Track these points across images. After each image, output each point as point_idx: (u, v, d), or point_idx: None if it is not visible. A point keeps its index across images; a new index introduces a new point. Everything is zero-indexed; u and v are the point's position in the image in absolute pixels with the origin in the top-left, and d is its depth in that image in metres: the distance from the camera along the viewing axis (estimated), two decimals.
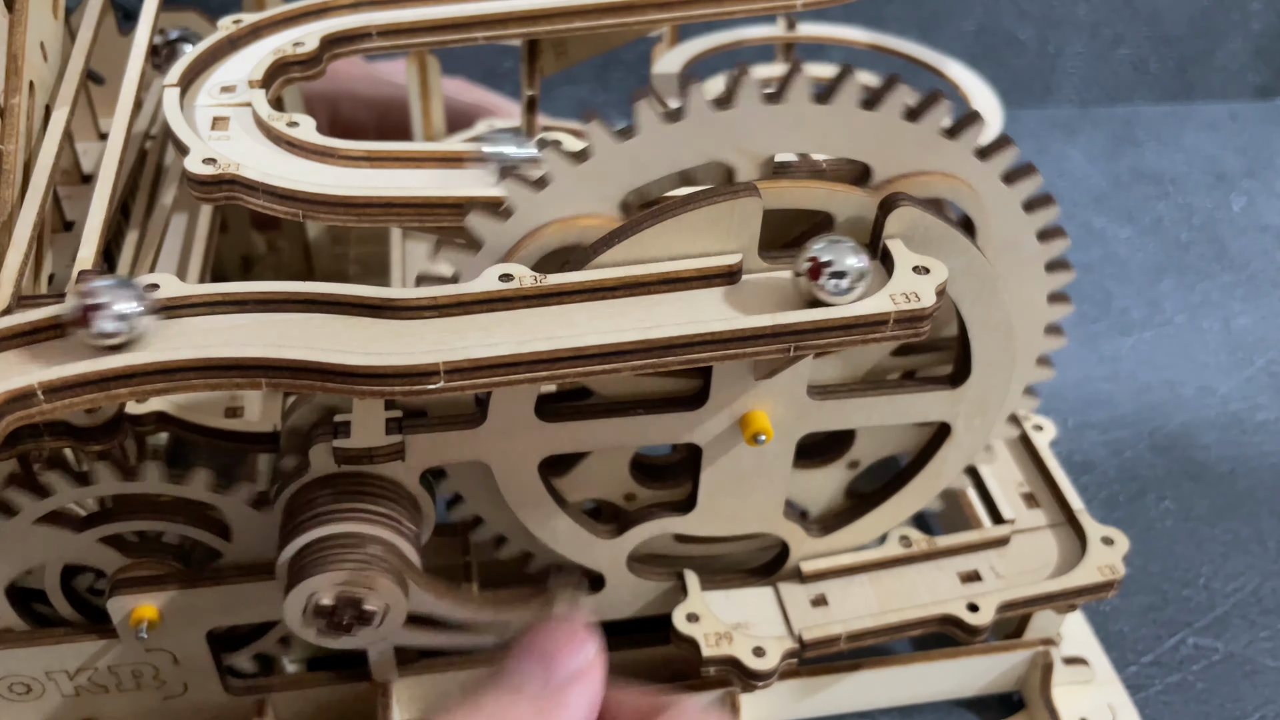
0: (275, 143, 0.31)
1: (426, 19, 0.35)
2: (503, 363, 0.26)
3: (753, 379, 0.31)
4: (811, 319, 0.27)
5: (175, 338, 0.27)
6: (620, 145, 0.28)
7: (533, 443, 0.32)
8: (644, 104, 0.27)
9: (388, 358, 0.26)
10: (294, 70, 0.34)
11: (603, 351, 0.27)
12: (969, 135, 0.29)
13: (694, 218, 0.28)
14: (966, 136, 0.29)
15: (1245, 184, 0.70)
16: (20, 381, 0.25)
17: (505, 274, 0.28)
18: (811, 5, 0.37)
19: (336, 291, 0.27)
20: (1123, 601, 0.45)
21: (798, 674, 0.39)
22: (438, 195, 0.30)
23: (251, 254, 0.50)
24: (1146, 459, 0.51)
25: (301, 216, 0.30)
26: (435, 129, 0.50)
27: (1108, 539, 0.38)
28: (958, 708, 0.41)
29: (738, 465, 0.34)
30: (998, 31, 0.74)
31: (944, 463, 0.36)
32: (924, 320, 0.28)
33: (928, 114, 0.28)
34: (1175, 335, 0.58)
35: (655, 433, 0.32)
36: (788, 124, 0.28)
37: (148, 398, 0.27)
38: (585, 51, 0.38)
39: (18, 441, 0.30)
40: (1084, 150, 0.73)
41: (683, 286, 0.28)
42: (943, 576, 0.37)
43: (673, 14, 0.36)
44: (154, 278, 0.28)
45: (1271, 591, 0.46)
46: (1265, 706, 0.42)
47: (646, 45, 0.46)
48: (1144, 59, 0.76)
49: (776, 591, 0.37)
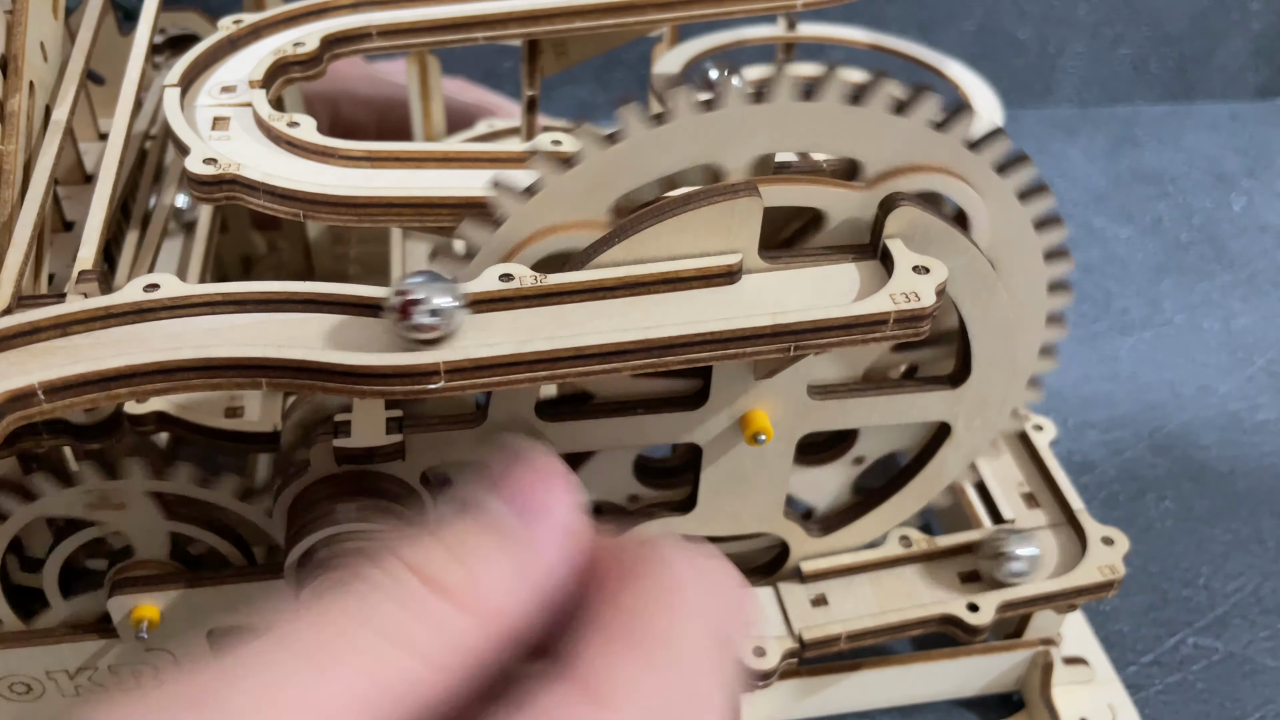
0: (276, 143, 0.31)
1: (427, 19, 0.35)
2: (503, 363, 0.26)
3: (753, 379, 0.31)
4: (811, 319, 0.27)
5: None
6: (608, 151, 0.28)
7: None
8: (629, 109, 0.27)
9: (388, 357, 0.26)
10: (294, 70, 0.34)
11: (603, 351, 0.27)
12: (959, 128, 0.29)
13: (693, 217, 0.28)
14: (956, 129, 0.29)
15: (1245, 184, 0.70)
16: (21, 381, 0.25)
17: (505, 274, 0.28)
18: (812, 5, 0.37)
19: (337, 291, 0.28)
20: (1123, 601, 0.45)
21: (798, 674, 0.39)
22: (438, 195, 0.30)
23: (252, 254, 0.50)
24: (1146, 459, 0.51)
25: (302, 216, 0.30)
26: (435, 129, 0.50)
27: (1108, 539, 0.38)
28: (958, 708, 0.41)
29: (738, 465, 0.34)
30: (998, 31, 0.74)
31: (944, 463, 0.36)
32: (924, 319, 0.28)
33: (916, 107, 0.28)
34: (1175, 335, 0.58)
35: (655, 433, 0.32)
36: (773, 123, 0.28)
37: (148, 398, 0.27)
38: (585, 52, 0.38)
39: (17, 440, 0.30)
40: (1084, 150, 0.73)
41: (683, 286, 0.28)
42: (943, 576, 0.37)
43: (673, 14, 0.36)
44: (154, 278, 0.28)
45: (1271, 591, 0.46)
46: (1265, 706, 0.42)
47: (646, 45, 0.46)
48: (1144, 59, 0.76)
49: (776, 591, 0.37)
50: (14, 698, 0.35)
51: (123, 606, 0.33)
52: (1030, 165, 0.30)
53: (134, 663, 0.35)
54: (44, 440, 0.30)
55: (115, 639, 0.34)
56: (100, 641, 0.34)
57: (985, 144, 0.30)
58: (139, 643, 0.34)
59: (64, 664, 0.35)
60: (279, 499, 0.31)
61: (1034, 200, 0.31)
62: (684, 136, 0.28)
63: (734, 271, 0.29)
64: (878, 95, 0.28)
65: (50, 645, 0.34)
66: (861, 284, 0.29)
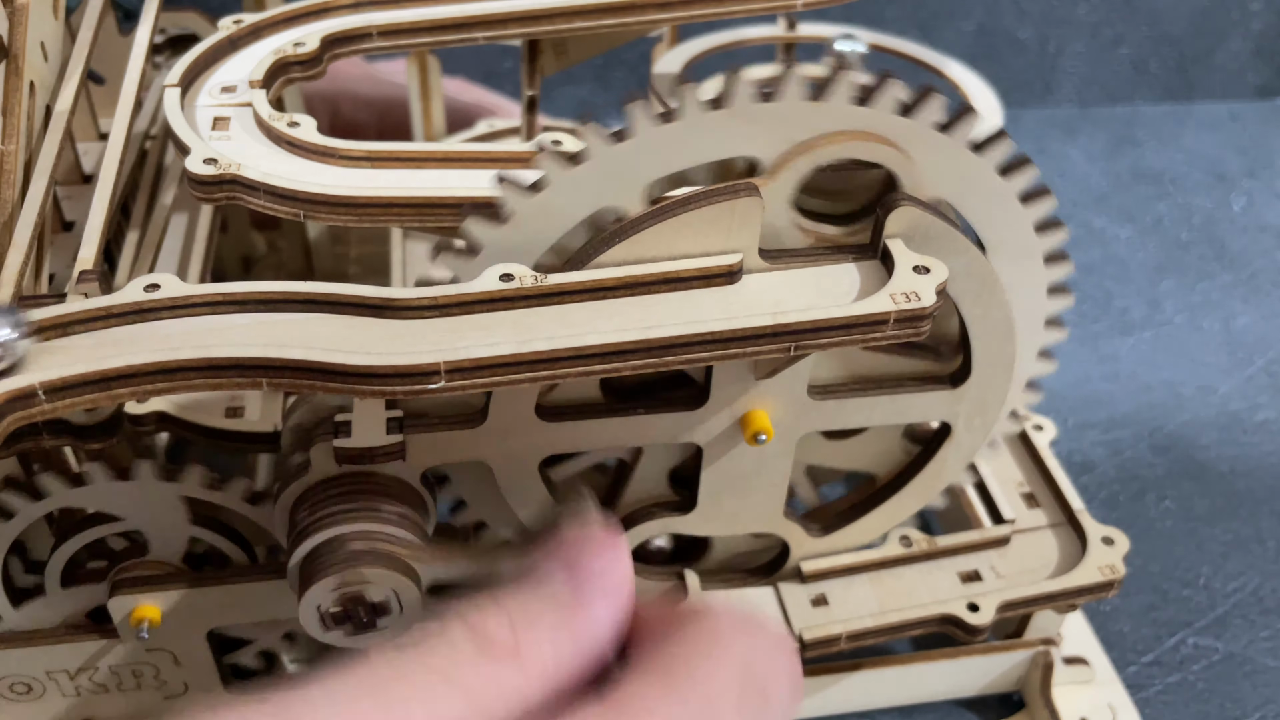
0: (276, 143, 0.31)
1: (427, 19, 0.35)
2: (504, 362, 0.26)
3: (753, 378, 0.31)
4: (811, 319, 0.27)
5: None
6: (532, 200, 0.28)
7: (533, 442, 0.32)
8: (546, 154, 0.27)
9: (389, 357, 0.26)
10: (295, 70, 0.34)
11: (603, 351, 0.27)
12: (884, 98, 0.28)
13: (693, 217, 0.28)
14: (882, 100, 0.28)
15: (1245, 184, 0.70)
16: (21, 381, 0.25)
17: (506, 274, 0.28)
18: (812, 5, 0.37)
19: (337, 291, 0.27)
20: (1123, 601, 0.45)
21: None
22: (439, 195, 0.30)
23: (251, 254, 0.50)
24: (1146, 459, 0.51)
25: (303, 217, 0.30)
26: (435, 129, 0.50)
27: (1108, 539, 0.38)
28: (958, 708, 0.41)
29: (738, 465, 0.34)
30: (998, 31, 0.74)
31: (944, 463, 0.36)
32: (924, 320, 0.28)
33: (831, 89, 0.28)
34: (1175, 335, 0.58)
35: (655, 433, 0.32)
36: (680, 138, 0.28)
37: (148, 398, 0.27)
38: (586, 52, 0.38)
39: (17, 440, 0.30)
40: (1084, 150, 0.73)
41: (683, 286, 0.28)
42: (943, 576, 0.37)
43: (673, 14, 0.36)
44: (155, 278, 0.28)
45: (1271, 591, 0.46)
46: (1265, 706, 0.42)
47: (646, 45, 0.46)
48: (1144, 59, 0.76)
49: (777, 591, 0.37)
50: (14, 698, 0.35)
51: (123, 606, 0.33)
52: (1032, 167, 0.30)
53: (135, 663, 0.35)
54: (44, 440, 0.30)
55: (116, 639, 0.34)
56: (101, 642, 0.34)
57: (956, 122, 0.29)
58: (140, 642, 0.34)
59: (64, 664, 0.35)
60: (280, 499, 0.31)
61: (1016, 174, 0.31)
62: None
63: (734, 271, 0.29)
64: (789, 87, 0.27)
65: (50, 645, 0.34)
66: (862, 284, 0.29)
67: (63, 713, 0.36)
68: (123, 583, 0.33)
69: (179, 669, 0.35)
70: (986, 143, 0.30)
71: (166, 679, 0.36)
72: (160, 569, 0.33)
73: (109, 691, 0.36)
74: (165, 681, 0.36)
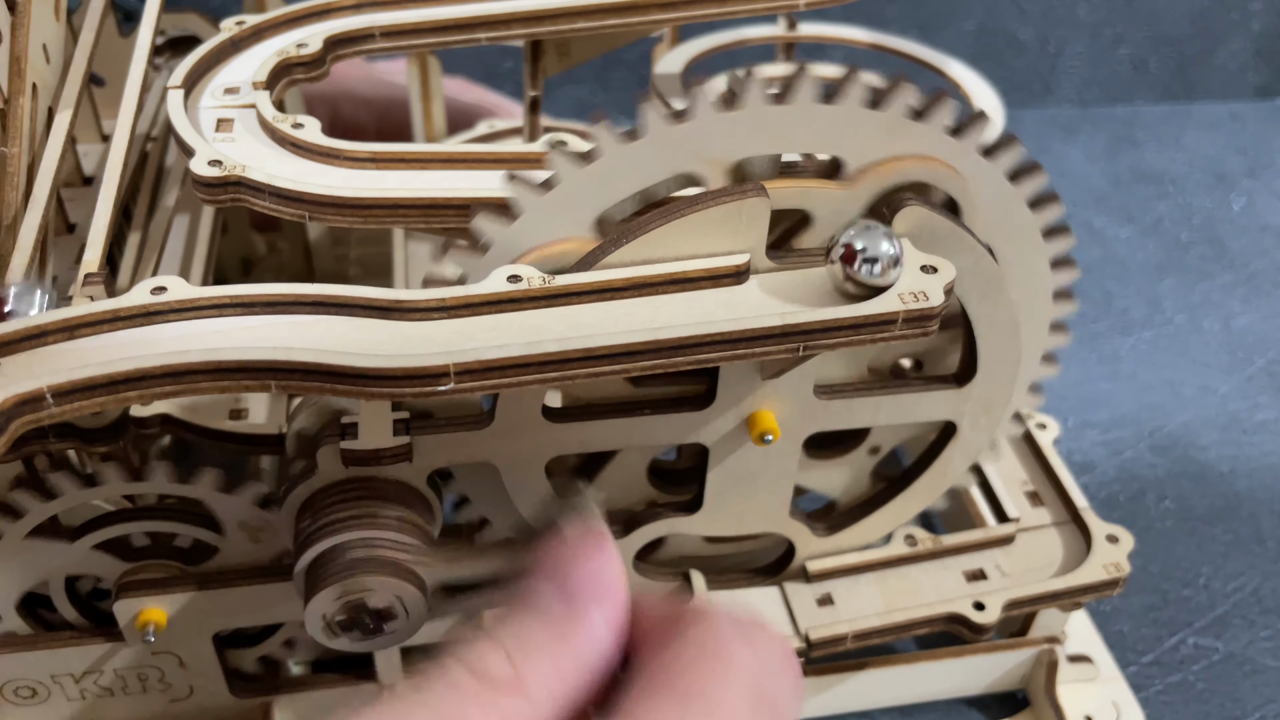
0: (280, 144, 0.31)
1: (429, 20, 0.35)
2: (513, 364, 0.26)
3: (760, 379, 0.31)
4: (820, 319, 0.27)
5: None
6: (584, 169, 0.28)
7: (540, 443, 0.32)
8: (601, 127, 0.27)
9: (398, 359, 0.26)
10: (298, 72, 0.34)
11: (612, 352, 0.27)
12: (938, 116, 0.29)
13: (701, 218, 0.28)
14: (935, 117, 0.29)
15: (1245, 184, 0.70)
16: (29, 385, 0.25)
17: (514, 275, 0.28)
18: (813, 5, 0.37)
19: (345, 293, 0.27)
20: (1123, 601, 0.45)
21: (804, 673, 0.39)
22: (443, 197, 0.30)
23: (252, 256, 0.50)
24: (1146, 459, 0.51)
25: (307, 218, 0.30)
26: (436, 129, 0.50)
27: (1112, 537, 0.38)
28: (963, 706, 0.41)
29: (744, 465, 0.34)
30: (998, 31, 0.74)
31: (949, 462, 0.36)
32: (932, 319, 0.28)
33: (891, 100, 0.28)
34: (1175, 335, 0.58)
35: (662, 433, 0.32)
36: (747, 128, 0.28)
37: (155, 400, 0.27)
38: (588, 52, 0.38)
39: (25, 444, 0.30)
40: (1084, 150, 0.73)
41: (691, 287, 0.28)
42: (948, 575, 0.37)
43: (675, 14, 0.36)
44: (162, 280, 0.28)
45: (1271, 591, 0.46)
46: (1265, 706, 0.42)
47: (648, 45, 0.46)
48: (1144, 59, 0.76)
49: (782, 591, 0.37)
50: (19, 702, 0.35)
51: (129, 609, 0.33)
52: (1040, 172, 0.31)
53: (140, 666, 0.35)
54: (51, 443, 0.30)
55: (121, 642, 0.34)
56: (106, 645, 0.34)
57: (968, 129, 0.29)
58: (145, 646, 0.34)
59: (69, 668, 0.35)
60: (286, 501, 0.31)
61: (1025, 180, 0.31)
62: (657, 149, 0.28)
63: (742, 272, 0.29)
64: (851, 91, 0.28)
65: (56, 649, 0.34)
66: None
67: (67, 716, 0.36)
68: (129, 586, 0.33)
69: (185, 672, 0.35)
70: (995, 147, 0.30)
71: (172, 682, 0.35)
72: (166, 571, 0.33)
73: (114, 695, 0.36)
74: (171, 685, 0.36)
